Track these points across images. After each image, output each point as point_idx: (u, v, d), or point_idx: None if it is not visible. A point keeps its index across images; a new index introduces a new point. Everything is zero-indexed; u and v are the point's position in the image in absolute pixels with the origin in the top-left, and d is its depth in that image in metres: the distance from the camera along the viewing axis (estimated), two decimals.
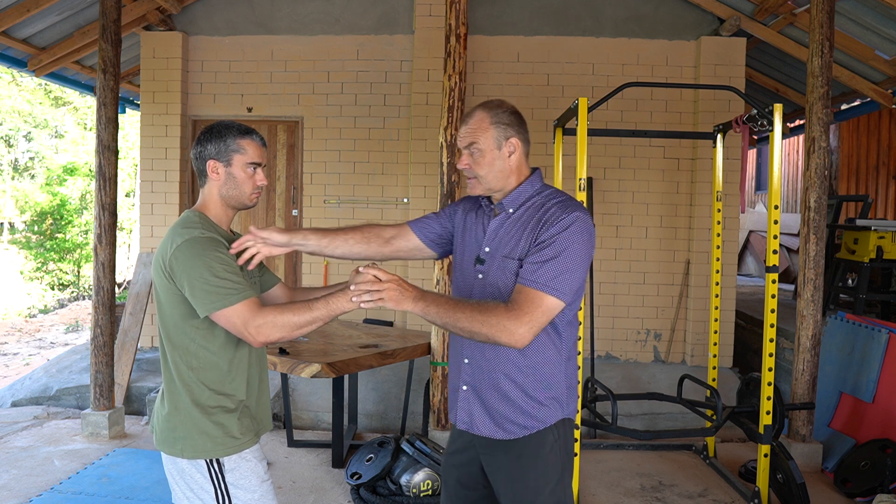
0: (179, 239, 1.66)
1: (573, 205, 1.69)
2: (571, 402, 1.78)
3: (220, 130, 1.78)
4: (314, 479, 3.69)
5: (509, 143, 1.75)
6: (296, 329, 1.62)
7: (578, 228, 1.63)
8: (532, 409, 1.72)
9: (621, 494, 3.58)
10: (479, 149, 1.74)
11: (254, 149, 1.79)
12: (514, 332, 1.56)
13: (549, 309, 1.59)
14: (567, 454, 1.78)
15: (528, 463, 1.73)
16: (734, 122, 3.61)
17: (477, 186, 1.78)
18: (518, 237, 1.70)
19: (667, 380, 5.06)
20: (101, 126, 4.23)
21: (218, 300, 1.61)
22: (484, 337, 1.57)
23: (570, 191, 4.87)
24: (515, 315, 1.56)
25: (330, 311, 1.61)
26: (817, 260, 3.87)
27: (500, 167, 1.75)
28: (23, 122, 16.03)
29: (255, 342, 1.61)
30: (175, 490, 1.77)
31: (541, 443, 1.73)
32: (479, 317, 1.56)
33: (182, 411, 1.72)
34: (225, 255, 1.67)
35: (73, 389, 5.01)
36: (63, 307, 12.29)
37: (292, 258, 5.68)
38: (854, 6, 4.52)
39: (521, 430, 1.73)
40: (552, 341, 1.71)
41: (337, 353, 3.45)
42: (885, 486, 3.42)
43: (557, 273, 1.59)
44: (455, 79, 4.08)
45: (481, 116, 1.75)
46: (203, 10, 5.53)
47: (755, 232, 10.12)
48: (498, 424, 1.75)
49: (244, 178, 1.79)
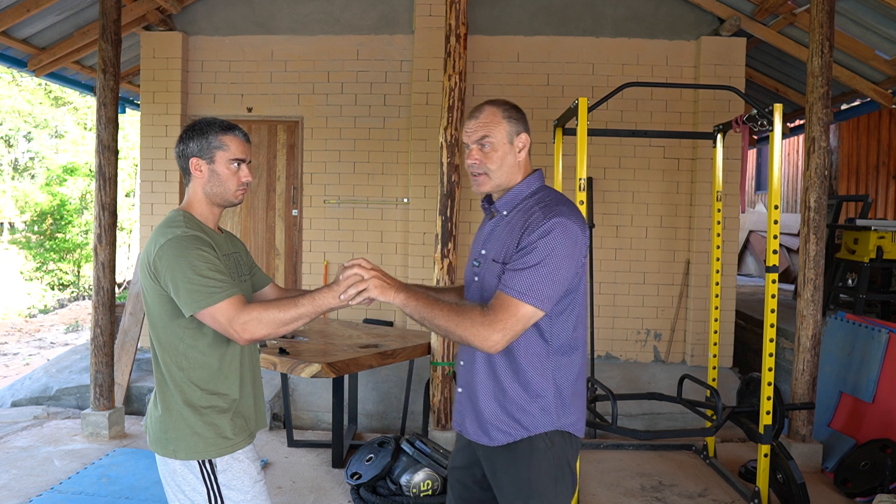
0: (163, 239, 1.64)
1: (557, 208, 1.63)
2: (566, 414, 1.69)
3: (202, 127, 1.76)
4: (314, 479, 3.69)
5: (520, 139, 1.75)
6: (281, 325, 1.59)
7: (560, 234, 1.58)
8: (515, 416, 1.67)
9: (621, 494, 3.58)
10: (491, 142, 1.71)
11: (237, 145, 1.77)
12: (487, 339, 1.54)
13: (525, 317, 1.56)
14: (559, 470, 1.69)
15: (512, 473, 1.69)
16: (734, 122, 3.61)
17: (486, 183, 1.74)
18: (506, 240, 1.68)
19: (667, 380, 5.06)
20: (101, 126, 4.23)
21: (202, 299, 1.58)
22: (458, 338, 1.57)
23: (570, 191, 4.86)
24: (490, 321, 1.54)
25: (316, 307, 1.58)
26: (817, 260, 3.87)
27: (510, 162, 1.73)
28: (23, 122, 16.03)
29: (240, 340, 1.59)
30: (168, 491, 1.76)
31: (528, 454, 1.68)
32: (456, 318, 1.55)
33: (174, 412, 1.71)
34: (209, 254, 1.65)
35: (73, 389, 5.01)
36: (63, 307, 12.29)
37: (292, 258, 5.68)
38: (854, 6, 4.52)
39: (505, 436, 1.69)
40: (535, 348, 1.66)
41: (337, 353, 3.45)
42: (885, 486, 3.42)
43: (536, 281, 1.55)
44: (455, 79, 4.08)
45: (492, 111, 1.73)
46: (203, 10, 5.53)
47: (755, 232, 10.12)
48: (483, 429, 1.72)
49: (228, 175, 1.76)
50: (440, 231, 4.12)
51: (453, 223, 4.14)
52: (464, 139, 1.77)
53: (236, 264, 1.84)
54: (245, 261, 1.94)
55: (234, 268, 1.82)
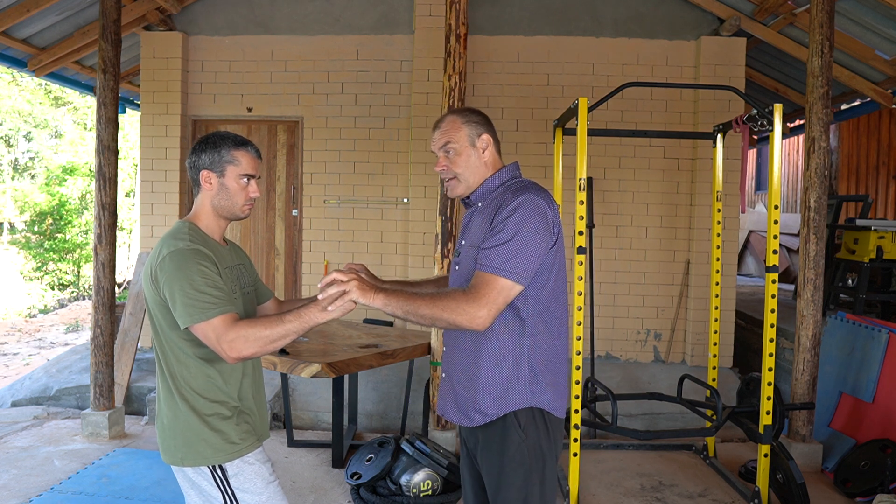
0: (166, 250, 1.67)
1: (526, 188, 1.71)
2: (541, 391, 1.73)
3: (215, 141, 1.78)
4: (314, 479, 3.69)
5: (482, 139, 1.83)
6: (269, 343, 1.59)
7: (528, 209, 1.65)
8: (490, 395, 1.73)
9: (621, 494, 3.58)
10: (454, 147, 1.81)
11: (248, 160, 1.79)
12: (475, 316, 1.59)
13: (504, 290, 1.62)
14: (533, 460, 1.72)
15: (488, 457, 1.76)
16: (734, 122, 3.61)
17: (457, 186, 1.85)
18: (481, 227, 1.75)
19: (667, 380, 5.06)
20: (101, 126, 4.23)
21: (196, 313, 1.60)
22: (445, 322, 1.60)
23: (570, 191, 4.87)
24: (474, 298, 1.60)
25: (302, 323, 1.58)
26: (817, 260, 3.87)
27: (475, 164, 1.83)
28: (23, 122, 16.02)
29: (228, 358, 1.59)
30: (191, 499, 1.78)
31: (504, 433, 1.72)
32: (439, 303, 1.59)
33: (181, 420, 1.73)
34: (208, 269, 1.66)
35: (73, 389, 5.01)
36: (63, 307, 12.29)
37: (292, 258, 5.68)
38: (854, 6, 4.52)
39: (482, 416, 1.74)
40: (511, 326, 1.72)
41: (337, 353, 3.45)
42: (885, 486, 3.42)
43: (510, 255, 1.62)
44: (455, 79, 4.08)
45: (452, 119, 1.84)
46: (203, 10, 5.53)
47: (755, 232, 10.12)
48: (462, 411, 1.79)
49: (237, 190, 1.78)
50: (440, 231, 4.12)
51: (453, 223, 4.14)
52: (431, 149, 1.87)
53: (239, 276, 1.86)
54: (249, 272, 1.95)
55: (237, 280, 1.83)
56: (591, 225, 5.03)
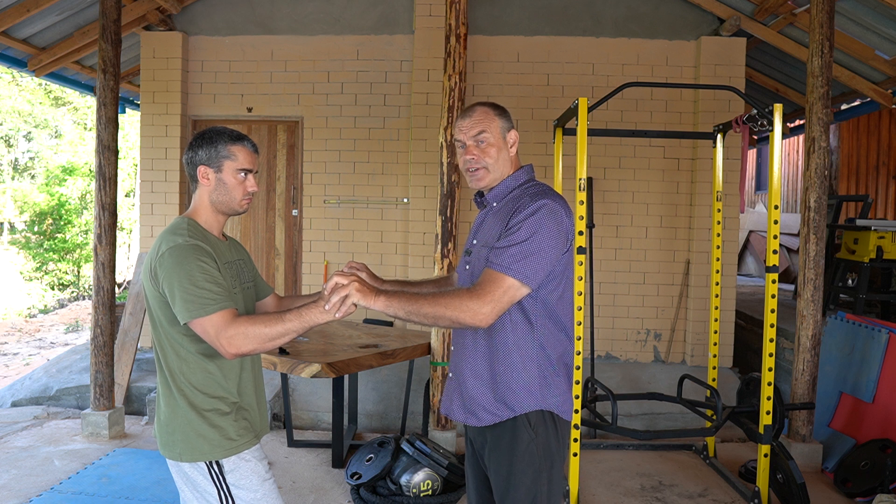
0: (165, 246, 1.67)
1: (545, 194, 1.71)
2: (551, 394, 1.74)
3: (212, 136, 1.78)
4: (314, 479, 3.69)
5: (511, 135, 1.84)
6: (267, 341, 1.59)
7: (545, 213, 1.65)
8: (501, 396, 1.73)
9: (621, 494, 3.58)
10: (487, 137, 1.80)
11: (245, 155, 1.79)
12: (478, 312, 1.58)
13: (511, 289, 1.61)
14: (542, 460, 1.73)
15: (497, 457, 1.76)
16: (734, 122, 3.61)
17: (485, 176, 1.82)
18: (495, 227, 1.75)
19: (667, 380, 5.06)
20: (101, 126, 4.23)
21: (195, 309, 1.60)
22: (448, 320, 1.59)
23: (570, 191, 4.87)
24: (478, 295, 1.60)
25: (303, 322, 1.58)
26: (817, 260, 3.87)
27: (504, 157, 1.83)
28: (23, 122, 16.03)
29: (227, 354, 1.59)
30: (185, 494, 1.78)
31: (514, 433, 1.73)
32: (442, 301, 1.59)
33: (179, 415, 1.73)
34: (208, 264, 1.66)
35: (73, 389, 5.01)
36: (63, 307, 12.29)
37: (292, 258, 5.68)
38: (854, 6, 4.52)
39: (491, 416, 1.74)
40: (522, 329, 1.72)
41: (337, 353, 3.45)
42: (885, 486, 3.42)
43: (522, 256, 1.62)
44: (455, 79, 4.08)
45: (485, 109, 1.83)
46: (203, 10, 5.53)
47: (755, 232, 10.12)
48: (470, 411, 1.79)
49: (234, 185, 1.79)
50: (440, 231, 4.12)
51: (453, 223, 4.14)
52: (458, 137, 1.84)
53: (238, 272, 1.86)
54: (249, 268, 1.96)
55: (237, 275, 1.84)
56: (591, 225, 5.03)
